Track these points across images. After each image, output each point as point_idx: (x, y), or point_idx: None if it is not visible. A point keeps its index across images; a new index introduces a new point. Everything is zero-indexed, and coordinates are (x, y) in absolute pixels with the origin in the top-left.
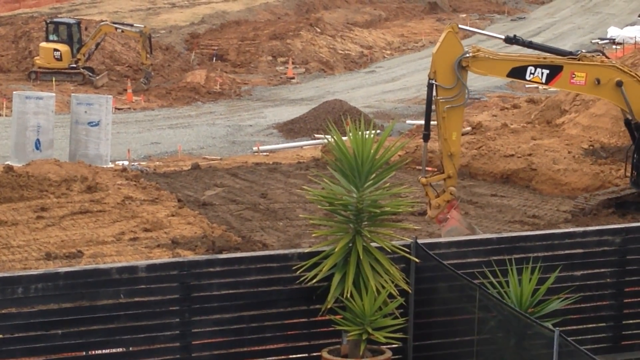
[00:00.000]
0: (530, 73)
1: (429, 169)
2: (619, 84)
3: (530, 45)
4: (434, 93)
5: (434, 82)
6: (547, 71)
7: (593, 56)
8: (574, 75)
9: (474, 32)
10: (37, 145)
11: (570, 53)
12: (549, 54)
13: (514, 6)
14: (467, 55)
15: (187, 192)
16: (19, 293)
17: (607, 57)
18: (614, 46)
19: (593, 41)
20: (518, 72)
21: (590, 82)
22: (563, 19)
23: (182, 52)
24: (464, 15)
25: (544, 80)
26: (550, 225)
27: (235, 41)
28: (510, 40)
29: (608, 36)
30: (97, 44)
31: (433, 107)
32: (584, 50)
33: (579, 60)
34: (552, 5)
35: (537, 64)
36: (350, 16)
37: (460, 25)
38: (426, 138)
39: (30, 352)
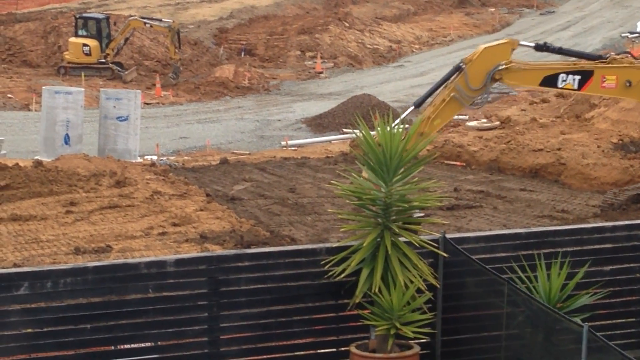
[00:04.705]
0: (562, 80)
1: (458, 163)
2: None
3: (560, 51)
4: (454, 76)
5: (463, 67)
6: (579, 77)
7: (622, 58)
8: (604, 79)
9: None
10: (66, 140)
11: (600, 57)
12: (578, 59)
13: (543, 0)
14: (501, 67)
15: (215, 186)
16: (48, 287)
17: (634, 57)
18: None
19: (623, 35)
20: (550, 81)
21: (621, 85)
22: (592, 13)
23: (210, 47)
24: (493, 9)
25: (576, 87)
26: (579, 219)
27: (264, 36)
28: (541, 48)
29: (638, 30)
30: (126, 39)
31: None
32: (613, 53)
33: (608, 63)
34: None
35: (568, 70)
36: (378, 10)
37: (521, 42)
38: (418, 105)
39: (59, 346)
